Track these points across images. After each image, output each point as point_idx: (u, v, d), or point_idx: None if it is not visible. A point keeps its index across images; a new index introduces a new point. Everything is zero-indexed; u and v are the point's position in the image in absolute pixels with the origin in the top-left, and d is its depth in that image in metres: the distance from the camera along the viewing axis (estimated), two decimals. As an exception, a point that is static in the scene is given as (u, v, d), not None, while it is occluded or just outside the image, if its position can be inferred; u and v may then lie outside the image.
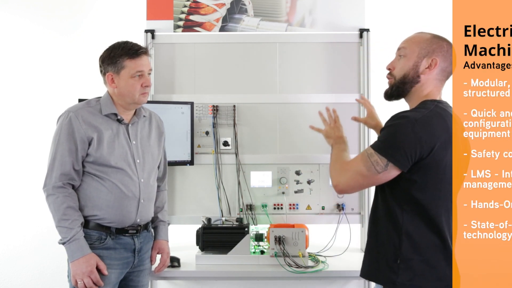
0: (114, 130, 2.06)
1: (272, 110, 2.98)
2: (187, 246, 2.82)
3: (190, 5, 3.02)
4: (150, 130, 2.21)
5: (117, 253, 2.04)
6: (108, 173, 2.02)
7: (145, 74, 2.07)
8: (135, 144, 2.11)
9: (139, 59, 2.05)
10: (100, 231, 2.02)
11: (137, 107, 2.14)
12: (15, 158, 3.22)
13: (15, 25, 3.28)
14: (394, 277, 1.66)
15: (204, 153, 2.97)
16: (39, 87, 3.26)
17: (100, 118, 2.05)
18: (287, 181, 2.96)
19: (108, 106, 2.07)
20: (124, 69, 2.03)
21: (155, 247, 2.26)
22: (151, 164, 2.17)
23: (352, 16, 2.97)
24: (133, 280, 2.16)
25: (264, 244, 2.64)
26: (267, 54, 2.99)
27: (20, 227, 3.22)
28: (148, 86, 2.08)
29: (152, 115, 2.26)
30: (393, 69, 1.78)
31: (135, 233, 2.09)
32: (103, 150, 2.01)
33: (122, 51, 2.04)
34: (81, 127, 1.99)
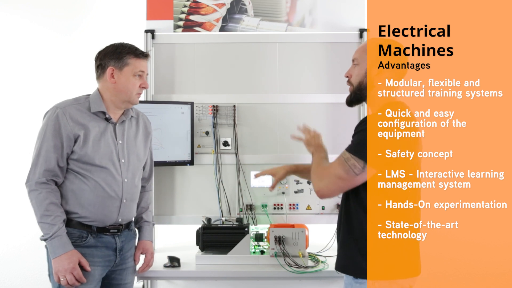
0: (101, 129, 2.06)
1: (272, 110, 2.98)
2: (187, 246, 2.83)
3: (190, 5, 3.02)
4: (137, 131, 2.21)
5: (98, 250, 2.04)
6: (92, 172, 2.01)
7: (144, 76, 2.12)
8: (121, 144, 2.10)
9: (143, 61, 2.11)
10: (81, 229, 2.01)
11: (129, 106, 2.15)
12: (16, 158, 3.22)
13: (15, 25, 3.28)
14: (366, 267, 1.74)
15: (204, 153, 2.97)
16: (39, 87, 3.26)
17: (88, 116, 2.05)
18: (287, 181, 2.96)
19: (97, 103, 2.07)
20: (128, 66, 2.07)
21: (138, 247, 2.26)
22: (136, 165, 2.17)
23: (352, 16, 2.97)
24: (116, 278, 2.16)
25: (264, 244, 2.64)
26: (267, 54, 2.99)
27: (20, 228, 3.22)
28: (145, 88, 2.13)
29: (139, 115, 2.26)
30: (350, 77, 1.94)
31: (116, 232, 2.09)
32: (88, 148, 2.00)
33: (129, 49, 2.09)
34: (68, 124, 1.99)
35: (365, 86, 1.86)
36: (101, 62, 2.10)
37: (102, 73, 2.09)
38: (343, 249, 1.90)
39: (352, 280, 1.83)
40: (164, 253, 2.70)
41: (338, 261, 1.91)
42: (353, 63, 1.96)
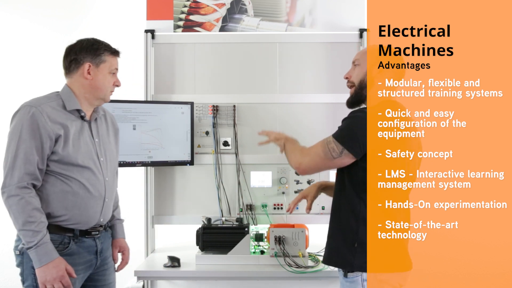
0: (78, 127, 1.98)
1: (272, 110, 2.98)
2: (187, 246, 2.83)
3: (190, 5, 3.02)
4: (107, 128, 2.16)
5: (80, 257, 1.97)
6: (74, 172, 1.92)
7: (116, 74, 2.09)
8: (97, 142, 2.04)
9: (116, 58, 2.08)
10: (62, 234, 1.91)
11: (101, 104, 2.08)
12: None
13: (15, 25, 3.28)
14: (351, 259, 1.81)
15: (204, 153, 2.97)
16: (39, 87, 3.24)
17: (64, 114, 1.95)
18: (287, 181, 2.96)
19: (72, 101, 1.98)
20: (104, 63, 2.02)
21: (115, 246, 2.19)
22: (113, 162, 2.12)
23: (352, 16, 2.97)
24: (99, 280, 2.09)
25: (264, 244, 2.64)
26: (267, 54, 2.99)
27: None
28: (118, 86, 2.10)
29: (106, 112, 2.19)
30: (350, 77, 1.98)
31: (97, 234, 2.02)
32: (69, 148, 1.91)
33: (105, 46, 2.05)
34: (47, 123, 1.87)
35: (365, 85, 1.89)
36: (76, 57, 2.00)
37: (76, 68, 2.00)
38: (328, 241, 1.95)
39: (343, 279, 1.85)
40: (164, 253, 2.70)
41: (324, 254, 1.96)
42: (353, 64, 1.99)
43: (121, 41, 3.26)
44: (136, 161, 2.77)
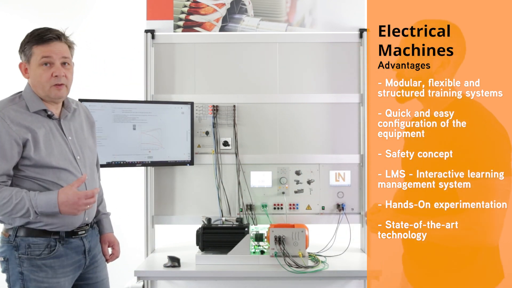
0: (47, 128, 1.87)
1: (272, 110, 2.98)
2: (187, 246, 2.83)
3: (190, 5, 3.02)
4: (82, 122, 2.04)
5: (68, 259, 1.93)
6: (50, 175, 1.85)
7: (55, 63, 1.84)
8: (71, 140, 1.95)
9: (47, 45, 1.83)
10: (48, 237, 1.87)
11: (55, 101, 1.91)
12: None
13: (15, 25, 3.28)
14: None
15: (204, 153, 2.97)
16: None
17: (29, 116, 1.84)
18: (287, 181, 2.96)
19: (35, 102, 1.87)
20: (32, 57, 1.84)
21: (104, 241, 2.14)
22: (91, 158, 2.04)
23: (352, 16, 2.97)
24: (91, 278, 2.06)
25: (264, 244, 2.64)
26: (267, 54, 2.99)
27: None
28: (58, 76, 1.84)
29: (79, 106, 2.08)
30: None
31: (84, 233, 1.97)
32: (42, 151, 1.83)
33: (30, 37, 1.85)
34: (10, 128, 1.78)
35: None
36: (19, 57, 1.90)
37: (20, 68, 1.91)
38: None
39: None
40: (164, 253, 2.70)
41: None
42: None
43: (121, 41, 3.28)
44: (136, 161, 2.77)
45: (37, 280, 1.87)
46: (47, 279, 1.88)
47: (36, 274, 1.86)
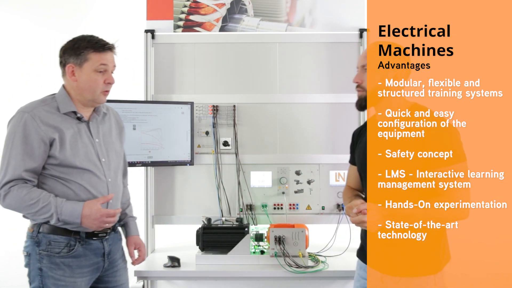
0: (75, 129, 1.94)
1: (272, 110, 2.98)
2: (187, 246, 2.83)
3: (190, 5, 3.02)
4: (111, 126, 2.10)
5: (87, 259, 1.95)
6: (74, 175, 1.90)
7: (108, 70, 1.97)
8: (98, 142, 2.00)
9: (105, 54, 1.95)
10: (68, 236, 1.90)
11: (96, 105, 2.01)
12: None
13: (15, 25, 3.28)
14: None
15: (204, 153, 2.97)
16: (39, 87, 3.25)
17: (59, 117, 1.92)
18: (287, 181, 2.96)
19: (66, 103, 1.94)
20: (87, 62, 1.93)
21: (130, 243, 2.17)
22: (116, 162, 2.07)
23: (352, 16, 2.98)
24: (110, 281, 2.07)
25: (264, 244, 2.64)
26: (267, 54, 2.99)
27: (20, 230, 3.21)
28: (110, 83, 1.97)
29: (110, 110, 2.15)
30: (361, 82, 1.94)
31: (104, 236, 1.99)
32: (67, 151, 1.89)
33: (88, 43, 1.95)
34: (39, 127, 1.86)
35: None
36: (61, 59, 1.97)
37: (63, 70, 1.97)
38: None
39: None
40: (164, 253, 2.70)
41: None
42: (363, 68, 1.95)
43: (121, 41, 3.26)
44: (136, 161, 2.77)
45: (54, 277, 1.90)
46: (64, 277, 1.91)
47: (54, 271, 1.90)
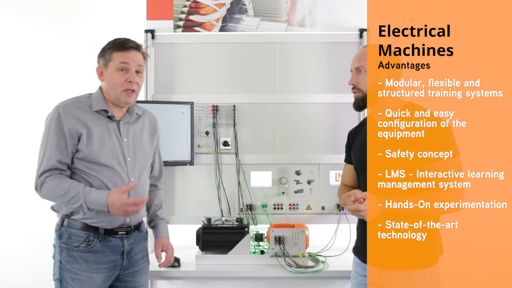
0: (105, 127, 2.01)
1: (272, 110, 2.98)
2: (187, 246, 2.82)
3: (190, 5, 3.02)
4: (143, 128, 2.15)
5: (104, 256, 1.99)
6: (97, 171, 1.96)
7: (131, 69, 1.99)
8: (126, 142, 2.05)
9: (127, 53, 1.99)
10: (87, 231, 1.96)
11: (123, 105, 2.05)
12: (16, 159, 3.22)
13: (15, 25, 3.28)
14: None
15: (204, 153, 2.97)
16: (39, 87, 3.26)
17: (90, 114, 2.00)
18: (287, 181, 2.96)
19: (99, 102, 2.02)
20: (111, 62, 2.00)
21: (158, 245, 2.21)
22: (143, 163, 2.11)
23: (352, 16, 2.98)
24: (129, 281, 2.10)
25: (264, 244, 2.64)
26: (267, 54, 2.99)
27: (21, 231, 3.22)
28: (132, 82, 1.99)
29: (145, 113, 2.21)
30: (357, 84, 2.00)
31: (124, 234, 2.03)
32: (93, 147, 1.96)
33: (112, 44, 2.02)
34: (70, 121, 1.95)
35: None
36: (97, 60, 2.06)
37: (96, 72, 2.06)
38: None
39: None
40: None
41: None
42: (357, 70, 2.00)
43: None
44: (136, 161, 2.77)
45: (71, 271, 1.95)
46: (80, 271, 1.95)
47: (72, 265, 1.96)
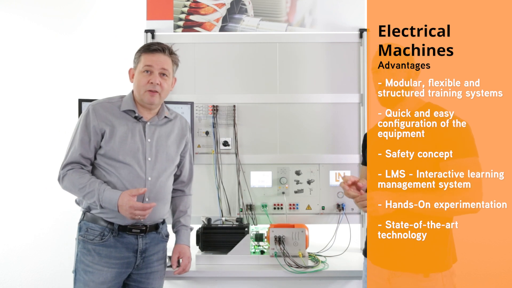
0: (130, 126, 2.06)
1: (272, 110, 2.98)
2: (187, 246, 2.82)
3: (190, 5, 3.02)
4: (171, 132, 2.17)
5: (117, 252, 2.01)
6: (116, 168, 2.01)
7: (154, 71, 2.04)
8: (149, 142, 2.08)
9: (151, 55, 2.05)
10: (103, 225, 2.00)
11: (149, 107, 2.09)
12: (15, 158, 3.22)
13: (15, 25, 3.28)
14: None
15: (204, 153, 2.97)
16: (39, 87, 3.26)
17: (118, 114, 2.06)
18: (287, 181, 2.96)
19: (128, 103, 2.08)
20: (139, 63, 2.07)
21: (175, 251, 2.22)
22: (165, 164, 2.11)
23: (352, 16, 2.98)
24: (143, 282, 2.11)
25: (264, 244, 2.64)
26: (267, 54, 2.99)
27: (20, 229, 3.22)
28: (153, 83, 2.03)
29: (178, 118, 2.24)
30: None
31: (139, 232, 2.05)
32: (114, 144, 2.01)
33: (141, 47, 2.10)
34: (96, 119, 2.02)
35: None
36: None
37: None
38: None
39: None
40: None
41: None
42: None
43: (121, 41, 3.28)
44: (136, 161, 2.77)
45: (84, 262, 2.01)
46: (92, 264, 1.99)
47: (85, 257, 2.01)
